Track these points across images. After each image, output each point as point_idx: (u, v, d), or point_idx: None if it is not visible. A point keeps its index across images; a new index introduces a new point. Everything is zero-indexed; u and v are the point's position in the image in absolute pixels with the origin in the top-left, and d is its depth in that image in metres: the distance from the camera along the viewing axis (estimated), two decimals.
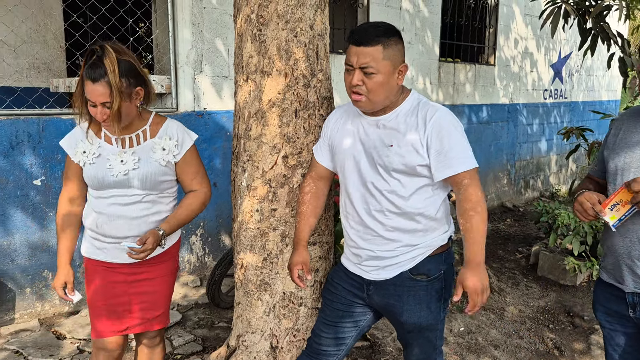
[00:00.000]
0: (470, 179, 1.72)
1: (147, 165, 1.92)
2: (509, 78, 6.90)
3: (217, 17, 3.96)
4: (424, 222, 1.81)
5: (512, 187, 7.24)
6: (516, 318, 3.68)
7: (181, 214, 1.99)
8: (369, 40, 1.69)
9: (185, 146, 1.98)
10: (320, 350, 2.01)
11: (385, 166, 1.77)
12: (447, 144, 1.71)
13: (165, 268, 2.07)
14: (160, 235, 1.90)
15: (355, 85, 1.73)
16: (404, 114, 1.79)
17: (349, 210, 1.90)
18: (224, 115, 4.11)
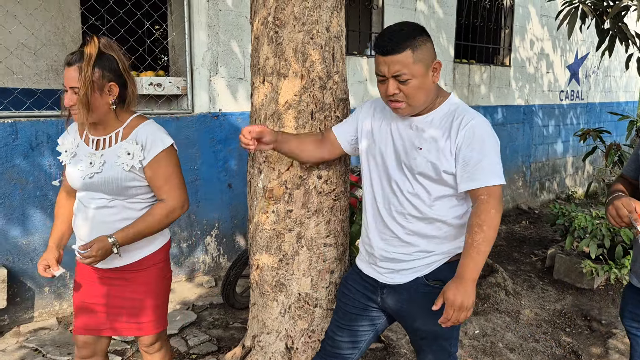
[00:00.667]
0: (489, 196, 1.66)
1: (111, 169, 1.84)
2: (525, 79, 6.85)
3: (233, 19, 3.99)
4: (444, 230, 1.79)
5: (528, 189, 7.18)
6: (532, 321, 3.64)
7: (139, 224, 1.86)
8: (397, 48, 1.64)
9: (153, 152, 1.85)
10: (334, 352, 2.01)
11: (411, 168, 1.74)
12: (476, 156, 1.67)
13: (147, 276, 1.98)
14: (110, 243, 1.81)
15: (392, 95, 1.69)
16: (439, 118, 1.74)
17: (370, 206, 1.88)
18: (239, 117, 4.14)
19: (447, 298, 1.65)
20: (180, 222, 3.93)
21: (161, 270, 2.04)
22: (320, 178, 2.19)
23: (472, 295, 1.64)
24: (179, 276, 4.00)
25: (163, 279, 2.06)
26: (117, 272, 1.96)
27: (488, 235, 1.65)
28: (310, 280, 2.25)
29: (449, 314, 1.65)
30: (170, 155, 1.90)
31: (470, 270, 1.64)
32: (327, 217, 2.23)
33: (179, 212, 1.93)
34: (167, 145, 1.88)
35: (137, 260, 1.95)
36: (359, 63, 4.92)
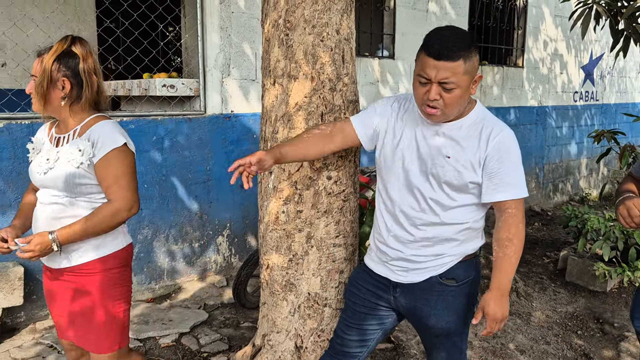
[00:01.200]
0: (516, 209, 1.71)
1: (62, 165, 1.83)
2: (538, 80, 6.81)
3: (245, 21, 4.03)
4: (461, 234, 1.81)
5: (541, 190, 7.13)
6: (543, 323, 3.63)
7: (83, 223, 1.81)
8: (452, 55, 1.59)
9: (103, 150, 1.81)
10: (343, 351, 2.02)
11: (438, 176, 1.74)
12: (503, 168, 1.69)
13: (94, 283, 1.87)
14: (50, 239, 1.78)
15: (433, 100, 1.65)
16: (467, 127, 1.73)
17: (386, 207, 1.86)
18: (251, 118, 4.17)
19: (487, 313, 1.74)
20: (192, 222, 3.98)
21: (112, 279, 1.90)
22: (330, 179, 2.21)
23: (507, 306, 1.76)
24: (190, 276, 4.05)
25: (115, 288, 1.91)
26: (65, 274, 1.89)
27: (518, 247, 1.73)
28: (320, 280, 2.27)
29: (492, 327, 1.75)
30: (122, 155, 1.85)
31: (505, 283, 1.74)
32: (337, 218, 2.25)
33: (125, 214, 1.85)
34: (119, 144, 1.83)
35: (83, 263, 1.87)
36: (370, 64, 4.93)
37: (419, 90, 1.68)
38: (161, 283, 3.89)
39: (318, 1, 2.11)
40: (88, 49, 1.87)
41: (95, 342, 1.91)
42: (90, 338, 1.91)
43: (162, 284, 3.90)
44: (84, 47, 1.86)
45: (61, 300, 1.93)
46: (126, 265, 1.97)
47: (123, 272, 1.95)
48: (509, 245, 1.71)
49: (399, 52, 5.14)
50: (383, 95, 5.05)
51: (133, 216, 1.90)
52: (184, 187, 3.90)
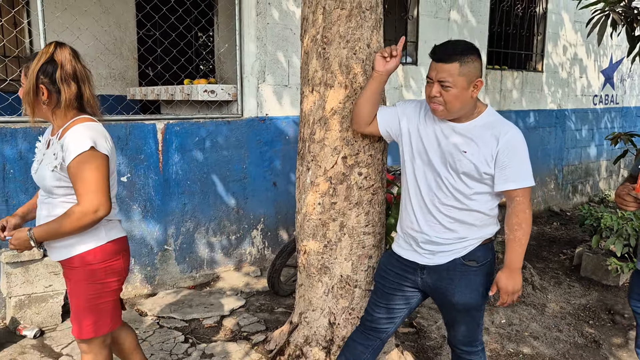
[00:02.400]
0: (523, 197, 2.01)
1: (43, 168, 1.92)
2: (557, 84, 7.01)
3: (279, 31, 4.36)
4: (480, 219, 2.10)
5: (560, 191, 7.32)
6: (557, 314, 3.87)
7: (53, 223, 1.90)
8: (447, 58, 1.93)
9: (72, 154, 1.84)
10: (372, 327, 2.31)
11: (456, 169, 2.04)
12: (512, 161, 1.99)
13: (76, 275, 1.97)
14: (27, 237, 1.90)
15: (434, 97, 1.98)
16: (479, 127, 2.02)
17: (413, 196, 2.16)
18: (284, 121, 4.50)
19: (500, 287, 2.06)
20: (229, 216, 4.32)
21: (91, 274, 1.97)
22: (360, 175, 2.52)
23: (519, 281, 2.06)
24: (227, 266, 4.39)
25: (92, 284, 1.98)
26: (62, 266, 2.03)
27: (526, 230, 2.03)
28: (351, 264, 2.58)
29: (505, 298, 2.07)
30: (90, 158, 1.86)
31: (516, 261, 2.05)
32: (367, 209, 2.55)
33: (91, 217, 1.86)
34: (85, 148, 1.84)
35: (66, 258, 1.96)
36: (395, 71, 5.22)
37: (426, 89, 2.04)
38: (201, 272, 4.25)
39: (352, 19, 2.42)
40: (68, 56, 1.90)
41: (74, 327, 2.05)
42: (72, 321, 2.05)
43: (202, 273, 4.25)
44: (64, 54, 1.90)
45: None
46: (108, 260, 1.99)
47: (104, 269, 1.98)
48: (518, 229, 2.01)
49: (421, 59, 5.43)
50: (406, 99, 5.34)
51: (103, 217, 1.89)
52: (222, 184, 4.25)
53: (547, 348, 3.35)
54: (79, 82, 1.93)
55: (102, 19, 5.77)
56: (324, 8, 2.44)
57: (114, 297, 2.07)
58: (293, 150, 4.57)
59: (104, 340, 2.11)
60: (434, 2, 5.47)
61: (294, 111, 4.52)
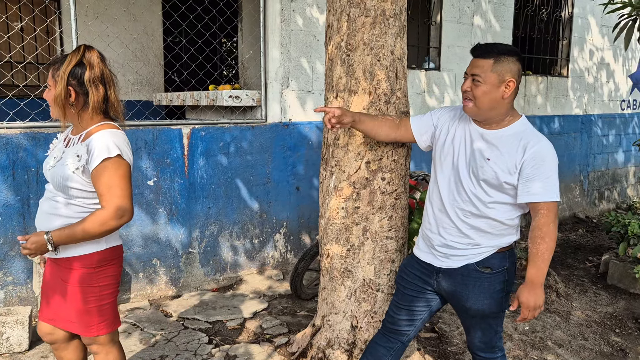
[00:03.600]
0: (548, 211, 1.97)
1: (61, 166, 1.93)
2: (583, 89, 6.92)
3: (303, 38, 4.42)
4: (498, 228, 2.10)
5: (585, 198, 7.21)
6: (582, 322, 3.82)
7: (75, 227, 1.91)
8: (484, 54, 1.98)
9: (97, 159, 1.88)
10: (393, 329, 2.33)
11: (477, 175, 2.05)
12: (538, 174, 1.97)
13: (74, 276, 1.99)
14: (45, 239, 1.91)
15: (465, 91, 2.02)
16: (508, 136, 2.03)
17: (435, 199, 2.19)
18: (307, 126, 4.55)
19: (522, 302, 2.02)
20: (253, 220, 4.38)
21: (90, 277, 2.00)
22: (384, 180, 2.55)
23: (542, 296, 2.02)
24: (250, 269, 4.45)
25: (90, 286, 2.01)
26: (57, 263, 2.03)
27: (550, 245, 1.99)
28: (374, 268, 2.60)
29: (525, 314, 2.04)
30: (116, 165, 1.89)
31: (538, 276, 2.01)
32: (390, 214, 2.58)
33: (116, 222, 1.90)
34: (112, 155, 1.88)
35: (68, 257, 1.98)
36: (418, 76, 5.24)
37: (462, 86, 2.07)
38: (225, 275, 4.31)
39: (376, 26, 2.46)
40: (97, 59, 1.95)
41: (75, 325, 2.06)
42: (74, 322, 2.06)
43: (226, 276, 4.31)
44: (93, 56, 1.94)
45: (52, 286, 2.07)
46: (104, 266, 2.02)
47: (101, 271, 2.02)
48: (541, 243, 1.98)
49: (444, 64, 5.43)
50: (429, 105, 5.34)
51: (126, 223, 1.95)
52: (246, 188, 4.32)
53: (572, 356, 3.32)
54: (106, 85, 1.97)
55: (130, 26, 5.92)
56: (348, 16, 2.48)
57: (112, 299, 2.10)
58: (316, 155, 4.61)
59: (113, 337, 2.16)
60: (458, 7, 5.47)
61: (318, 117, 4.57)
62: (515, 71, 2.01)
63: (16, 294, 3.49)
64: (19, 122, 3.48)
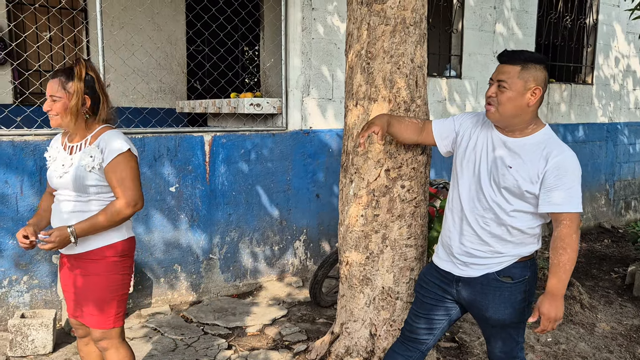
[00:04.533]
0: (570, 222, 1.95)
1: (76, 169, 2.10)
2: (609, 97, 6.80)
3: (324, 46, 4.45)
4: (518, 237, 2.07)
5: (611, 207, 7.07)
6: (607, 334, 3.74)
7: (95, 218, 2.09)
8: (511, 60, 1.97)
9: (110, 155, 2.09)
10: (412, 337, 2.32)
11: (498, 182, 2.04)
12: (560, 184, 1.95)
13: (96, 268, 2.14)
14: (69, 232, 2.05)
15: (489, 97, 2.01)
16: (531, 144, 2.02)
17: (455, 205, 2.17)
18: (327, 134, 4.57)
19: (542, 312, 1.99)
20: (273, 227, 4.41)
21: (113, 265, 2.16)
22: (403, 188, 2.54)
23: (562, 308, 1.99)
24: (270, 276, 4.47)
25: (114, 274, 2.16)
26: (77, 260, 2.17)
27: (571, 256, 1.96)
28: (393, 276, 2.60)
29: (545, 325, 2.00)
30: (127, 159, 2.12)
31: (559, 288, 1.97)
32: (409, 222, 2.57)
33: (131, 210, 2.12)
34: (124, 150, 2.11)
35: (90, 250, 2.14)
36: (439, 84, 5.22)
37: (487, 91, 2.05)
38: (244, 281, 4.34)
39: (396, 34, 2.47)
40: (96, 70, 2.20)
41: (93, 318, 2.18)
42: (92, 315, 2.18)
43: (245, 282, 4.34)
44: (95, 68, 2.18)
45: (72, 283, 2.21)
46: (126, 255, 2.22)
47: (123, 261, 2.20)
48: (563, 254, 1.95)
49: (465, 72, 5.40)
50: (450, 113, 5.32)
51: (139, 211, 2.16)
52: (266, 195, 4.35)
53: None
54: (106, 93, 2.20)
55: (155, 36, 6.04)
56: (368, 24, 2.49)
57: (127, 290, 2.24)
58: (336, 163, 4.62)
59: (123, 332, 2.28)
60: (479, 15, 5.44)
61: (338, 124, 4.58)
62: (542, 79, 1.99)
63: (41, 297, 3.56)
64: (46, 129, 3.57)
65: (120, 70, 5.18)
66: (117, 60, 4.92)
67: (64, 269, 2.25)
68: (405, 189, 2.54)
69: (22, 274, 3.49)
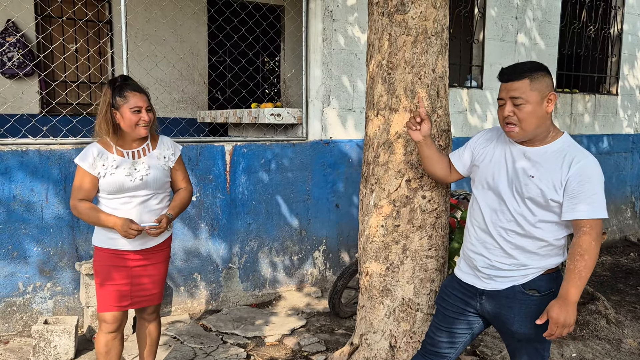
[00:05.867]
0: (590, 228, 1.91)
1: (156, 170, 2.49)
2: (635, 107, 6.68)
3: (344, 56, 4.46)
4: (544, 248, 2.03)
5: (637, 220, 6.91)
6: (634, 350, 3.64)
7: (181, 204, 2.59)
8: (517, 76, 1.93)
9: (177, 154, 2.60)
10: (433, 351, 2.28)
11: (522, 193, 2.01)
12: (583, 190, 1.91)
13: (163, 255, 2.60)
14: (169, 218, 2.48)
15: (507, 116, 1.96)
16: (552, 152, 1.99)
17: (477, 218, 2.15)
18: (347, 144, 4.57)
19: (551, 316, 1.93)
20: (292, 237, 4.41)
21: (170, 252, 2.68)
22: (424, 198, 2.52)
23: (573, 315, 1.92)
24: (289, 286, 4.46)
25: (169, 258, 2.69)
26: (149, 252, 2.54)
27: (589, 263, 1.91)
28: (413, 287, 2.57)
29: (553, 330, 1.94)
30: (181, 156, 2.67)
31: (572, 294, 1.91)
32: (430, 233, 2.54)
33: (192, 195, 2.69)
34: (181, 149, 2.66)
35: (163, 241, 2.58)
36: (459, 94, 5.19)
37: (499, 113, 2.02)
38: (264, 291, 4.34)
39: (417, 45, 2.46)
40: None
41: (158, 295, 2.64)
42: (155, 293, 2.62)
43: (265, 292, 4.34)
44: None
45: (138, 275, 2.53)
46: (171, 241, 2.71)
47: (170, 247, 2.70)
48: (580, 260, 1.90)
49: (487, 82, 5.36)
50: (471, 123, 5.28)
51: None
52: (286, 205, 4.35)
53: None
54: None
55: (177, 47, 6.13)
56: (389, 34, 2.50)
57: None
58: (356, 173, 4.61)
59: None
60: (501, 25, 5.41)
61: (358, 134, 4.58)
62: (551, 84, 1.99)
63: (64, 304, 3.61)
64: (71, 138, 3.64)
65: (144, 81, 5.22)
66: (140, 71, 5.00)
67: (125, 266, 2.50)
68: (426, 200, 2.52)
69: (46, 281, 3.55)
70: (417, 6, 2.45)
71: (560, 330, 1.93)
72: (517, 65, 1.99)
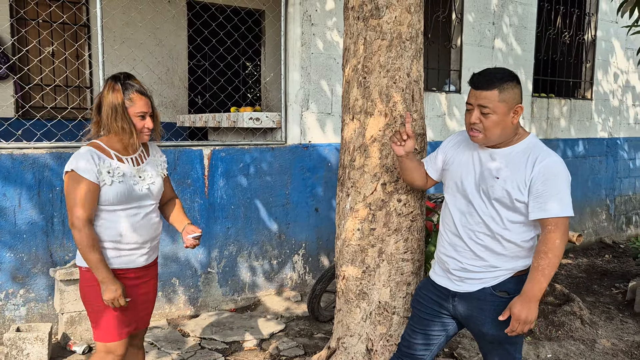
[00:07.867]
0: (556, 226, 1.93)
1: (158, 178, 2.30)
2: (608, 112, 6.82)
3: (323, 61, 4.48)
4: (512, 250, 2.06)
5: (612, 223, 7.04)
6: (608, 350, 3.70)
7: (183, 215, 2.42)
8: (487, 85, 1.95)
9: (166, 162, 2.42)
10: (409, 353, 2.29)
11: (489, 195, 2.04)
12: (547, 189, 1.94)
13: (155, 270, 2.40)
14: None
15: (474, 123, 2.00)
16: (516, 153, 2.03)
17: (448, 222, 2.18)
18: (326, 148, 4.58)
19: (513, 313, 1.96)
20: (271, 241, 4.39)
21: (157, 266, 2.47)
22: (400, 201, 2.54)
23: (535, 312, 1.95)
24: (269, 290, 4.44)
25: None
26: (148, 268, 2.32)
27: (552, 261, 1.93)
28: (389, 290, 2.58)
29: (514, 326, 1.97)
30: None
31: (535, 290, 1.94)
32: (405, 236, 2.56)
33: None
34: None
35: (157, 255, 2.41)
36: (438, 99, 5.24)
37: (466, 117, 2.06)
38: (243, 295, 4.31)
39: (392, 49, 2.48)
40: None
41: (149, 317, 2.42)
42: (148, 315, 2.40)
43: (244, 296, 4.32)
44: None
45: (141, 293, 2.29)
46: None
47: None
48: (544, 257, 1.93)
49: (465, 87, 5.42)
50: (449, 127, 5.33)
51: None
52: (265, 209, 4.34)
53: None
54: None
55: (156, 50, 6.09)
56: (364, 39, 2.51)
57: None
58: (335, 177, 4.62)
59: None
60: (479, 31, 5.48)
61: (337, 139, 4.60)
62: (519, 95, 2.02)
63: (37, 311, 3.55)
64: (45, 142, 3.59)
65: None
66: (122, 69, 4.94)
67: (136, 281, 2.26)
68: (402, 203, 2.54)
69: (19, 287, 3.48)
70: (391, 11, 2.47)
71: (521, 327, 1.96)
72: (489, 73, 2.00)
